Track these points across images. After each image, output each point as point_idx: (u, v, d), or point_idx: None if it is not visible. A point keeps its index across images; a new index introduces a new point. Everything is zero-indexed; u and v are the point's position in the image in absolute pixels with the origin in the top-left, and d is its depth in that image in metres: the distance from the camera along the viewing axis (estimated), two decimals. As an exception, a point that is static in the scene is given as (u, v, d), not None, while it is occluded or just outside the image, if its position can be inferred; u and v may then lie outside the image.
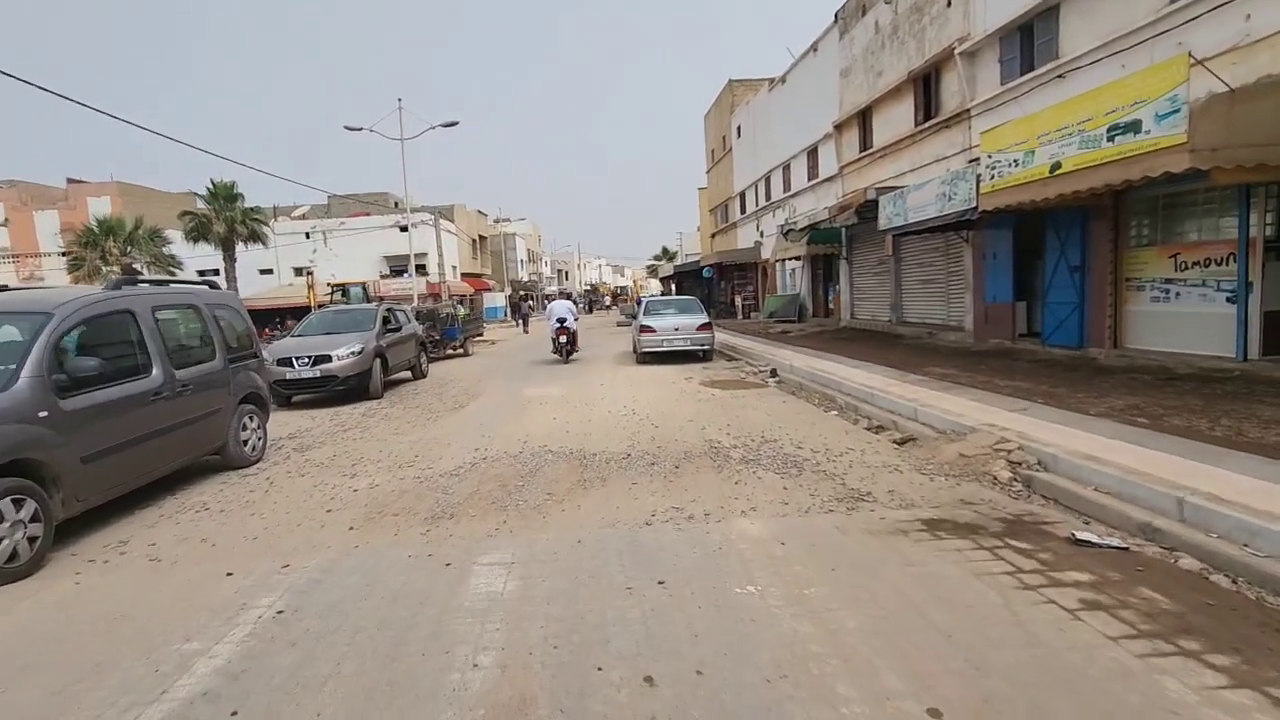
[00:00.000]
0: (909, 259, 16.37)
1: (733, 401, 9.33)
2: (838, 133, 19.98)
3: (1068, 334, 10.80)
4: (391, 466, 6.58)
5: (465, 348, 19.85)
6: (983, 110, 12.71)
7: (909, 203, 12.05)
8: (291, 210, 48.90)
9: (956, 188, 10.46)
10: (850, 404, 8.54)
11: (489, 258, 59.89)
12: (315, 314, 12.93)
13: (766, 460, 6.03)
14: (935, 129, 14.53)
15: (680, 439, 7.06)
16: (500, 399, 10.67)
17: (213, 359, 6.55)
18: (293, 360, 10.79)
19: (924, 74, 14.82)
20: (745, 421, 7.85)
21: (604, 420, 8.34)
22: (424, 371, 14.27)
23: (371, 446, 7.60)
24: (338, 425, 9.17)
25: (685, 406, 9.02)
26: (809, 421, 7.75)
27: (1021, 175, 8.82)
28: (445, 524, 4.77)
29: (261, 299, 39.69)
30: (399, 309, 14.03)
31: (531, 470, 6.06)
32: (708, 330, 14.34)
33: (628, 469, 5.95)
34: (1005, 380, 8.77)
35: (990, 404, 7.18)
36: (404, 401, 11.03)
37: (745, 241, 32.39)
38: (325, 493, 5.80)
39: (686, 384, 11.26)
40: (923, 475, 5.39)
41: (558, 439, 7.36)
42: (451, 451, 7.06)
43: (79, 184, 45.88)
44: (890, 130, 16.80)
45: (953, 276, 14.68)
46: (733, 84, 33.28)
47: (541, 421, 8.46)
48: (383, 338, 12.15)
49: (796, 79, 24.04)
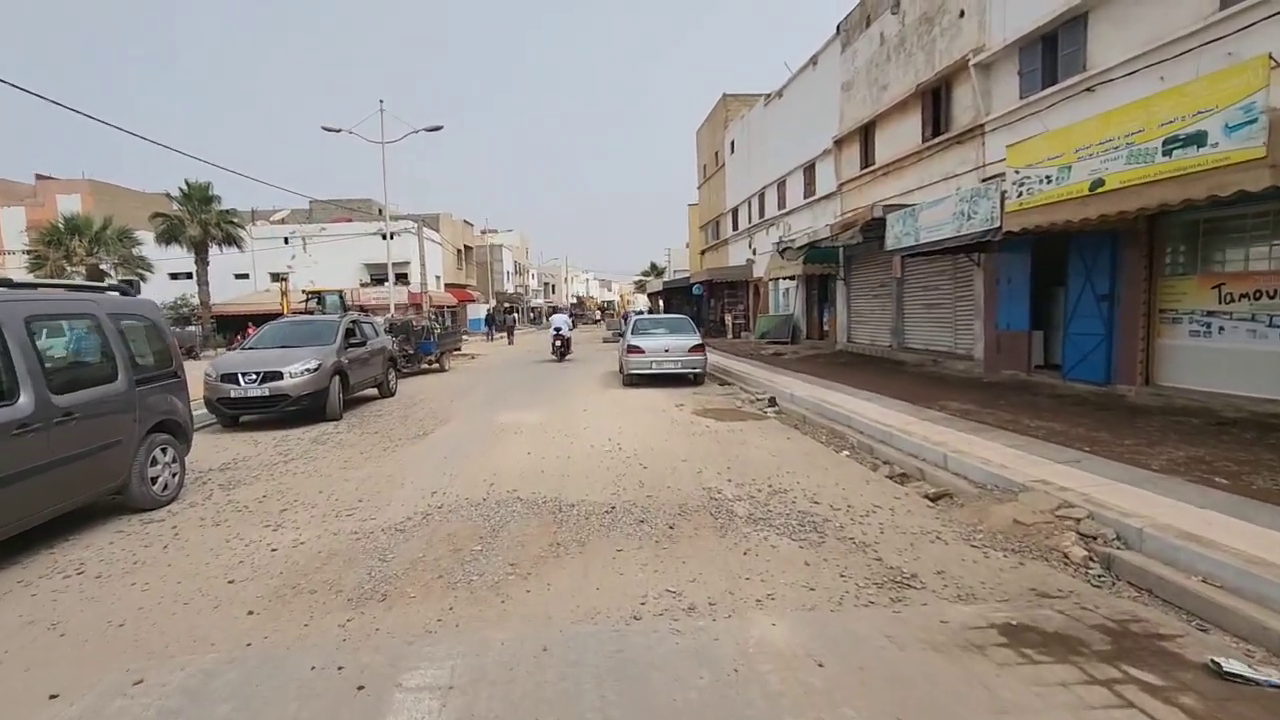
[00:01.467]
0: (913, 282, 15.54)
1: (730, 436, 8.31)
2: (837, 149, 19.23)
3: (1092, 368, 9.93)
4: (327, 515, 5.47)
5: (441, 363, 18.70)
6: (999, 125, 11.93)
7: (921, 221, 11.18)
8: (271, 214, 47.46)
9: (977, 206, 9.59)
10: (864, 444, 7.56)
11: (474, 268, 58.73)
12: (271, 325, 11.79)
13: (779, 520, 5.00)
14: (945, 145, 13.75)
15: (674, 485, 6.02)
16: (471, 426, 9.57)
17: (113, 380, 5.42)
18: (238, 377, 9.62)
19: (933, 87, 14.07)
20: (747, 463, 6.83)
21: (585, 457, 7.28)
22: (392, 389, 13.12)
23: (311, 485, 6.47)
24: (281, 454, 8.02)
25: (677, 441, 7.99)
26: (820, 465, 6.74)
27: (1055, 193, 7.96)
28: (373, 609, 3.68)
29: (235, 305, 38.35)
30: (365, 321, 12.90)
31: (494, 527, 4.98)
32: (700, 352, 13.37)
33: (612, 528, 4.89)
34: (1034, 420, 7.84)
35: (1031, 450, 6.22)
36: (364, 425, 9.89)
37: (737, 259, 31.59)
38: (236, 552, 4.68)
39: (678, 412, 10.24)
40: (974, 548, 4.39)
41: (530, 481, 6.28)
42: (403, 495, 5.96)
43: (48, 180, 44.23)
44: (895, 146, 16.03)
45: (961, 301, 13.84)
46: (727, 98, 32.66)
47: (514, 457, 7.38)
48: (344, 353, 11.02)
49: (794, 93, 23.35)
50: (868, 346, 18.00)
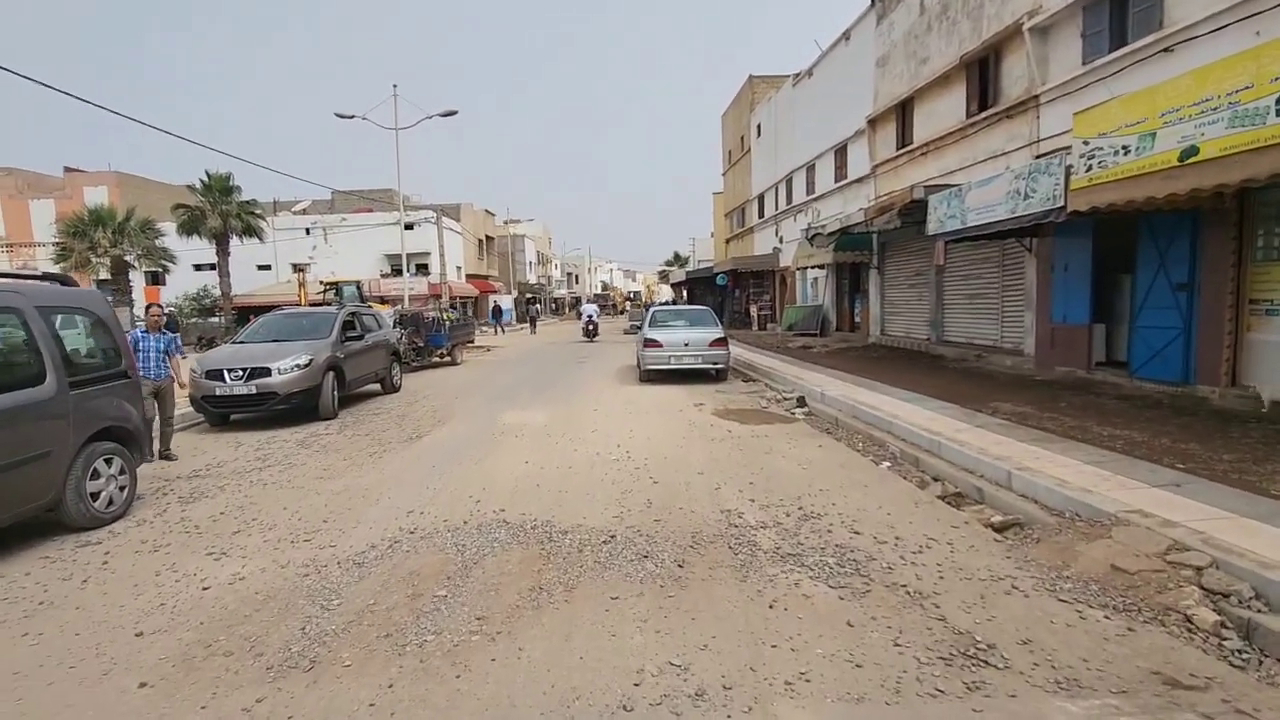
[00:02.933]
0: (955, 270, 14.38)
1: (754, 443, 7.40)
2: (871, 129, 18.03)
3: (1167, 366, 8.79)
4: (283, 539, 4.71)
5: (453, 356, 18.03)
6: (1057, 95, 10.73)
7: (968, 202, 10.09)
8: (293, 205, 47.38)
9: (1036, 183, 8.49)
10: (908, 454, 6.60)
11: (496, 259, 58.24)
12: (265, 317, 11.14)
13: (812, 557, 4.11)
14: (992, 120, 12.56)
15: (687, 506, 5.15)
16: (470, 427, 8.80)
17: (39, 382, 4.71)
18: (223, 373, 8.96)
19: (980, 57, 12.86)
20: (773, 478, 5.92)
21: (589, 467, 6.44)
22: (395, 385, 12.43)
23: (279, 499, 5.74)
24: (259, 459, 7.32)
25: (694, 449, 7.11)
26: (859, 481, 5.81)
27: (1136, 165, 6.86)
28: (293, 684, 2.88)
29: (257, 296, 38.26)
30: (367, 313, 12.20)
31: (469, 561, 4.17)
32: (722, 346, 12.43)
33: (608, 566, 4.04)
34: (1105, 427, 6.81)
35: (1114, 468, 5.22)
36: (357, 425, 9.19)
37: (763, 247, 30.44)
38: (164, 589, 3.94)
39: (696, 413, 9.35)
40: (1063, 603, 3.45)
41: (522, 498, 5.47)
42: (375, 515, 5.18)
43: (76, 173, 44.66)
44: (935, 124, 14.84)
45: (1009, 291, 12.68)
46: (753, 80, 31.39)
47: (509, 466, 6.57)
48: (340, 347, 10.32)
49: (824, 72, 22.12)
50: (903, 339, 16.87)
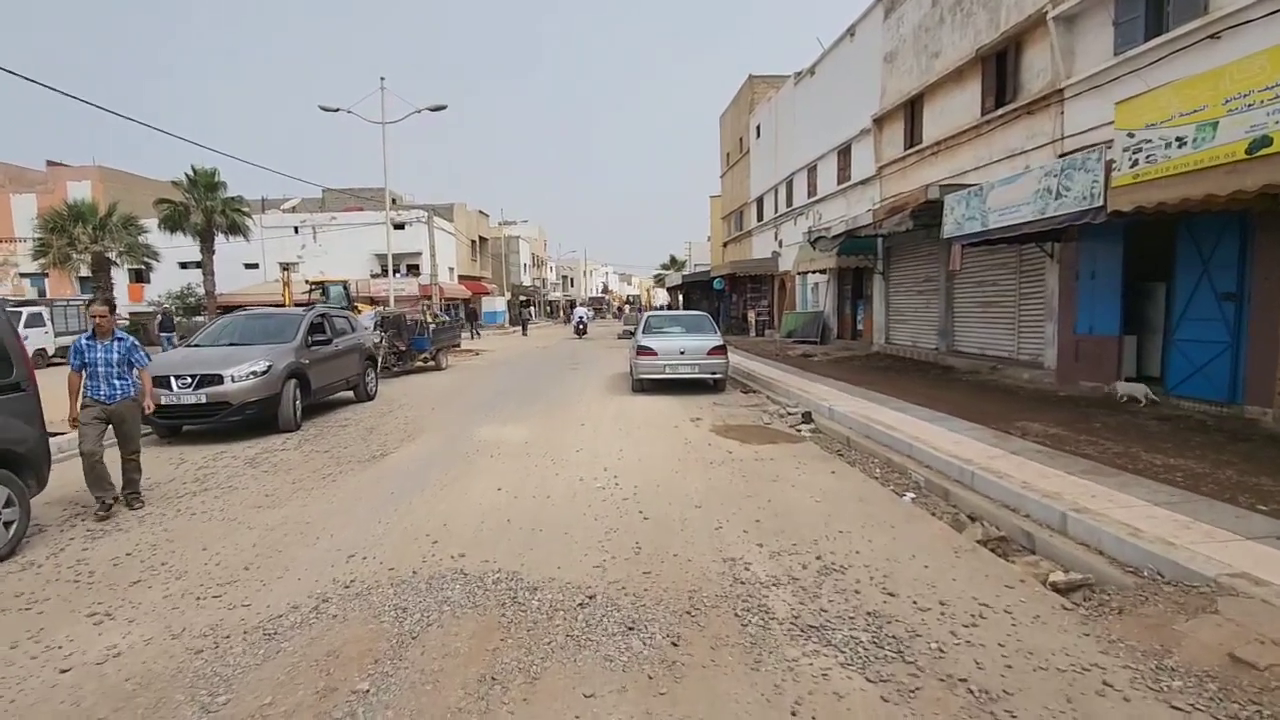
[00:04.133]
0: (967, 276, 13.60)
1: (758, 468, 6.57)
2: (877, 128, 17.27)
3: (1210, 384, 8.01)
4: (188, 594, 3.85)
5: (438, 360, 17.15)
6: (1084, 89, 9.96)
7: (990, 202, 9.30)
8: (282, 203, 46.39)
9: (1070, 181, 7.71)
10: (935, 484, 5.78)
11: (490, 260, 57.33)
12: (225, 319, 10.26)
13: (839, 630, 3.27)
14: (1010, 117, 11.79)
15: (683, 553, 4.31)
16: (442, 443, 7.93)
17: (-111, 400, 3.85)
18: (170, 380, 8.08)
19: (998, 49, 12.10)
20: (783, 514, 5.09)
21: (570, 498, 5.59)
22: (370, 393, 11.54)
23: (201, 535, 4.87)
24: (198, 480, 6.45)
25: (691, 475, 6.27)
26: (883, 520, 4.98)
27: (1193, 159, 6.07)
28: None
29: (243, 295, 37.25)
30: (339, 315, 11.32)
31: (407, 635, 3.30)
32: (721, 355, 11.60)
33: (583, 644, 3.19)
34: (1155, 454, 6.01)
35: (1190, 511, 4.40)
36: (319, 439, 8.31)
37: (761, 251, 29.68)
38: (15, 668, 3.08)
39: (693, 429, 8.51)
40: (1177, 711, 2.62)
41: (488, 540, 4.62)
42: (309, 560, 4.32)
43: (59, 167, 43.59)
44: (946, 122, 14.08)
45: (1028, 299, 11.89)
46: (753, 80, 30.67)
47: (479, 495, 5.72)
48: (306, 352, 9.44)
49: (828, 70, 21.38)
50: (909, 349, 16.08)
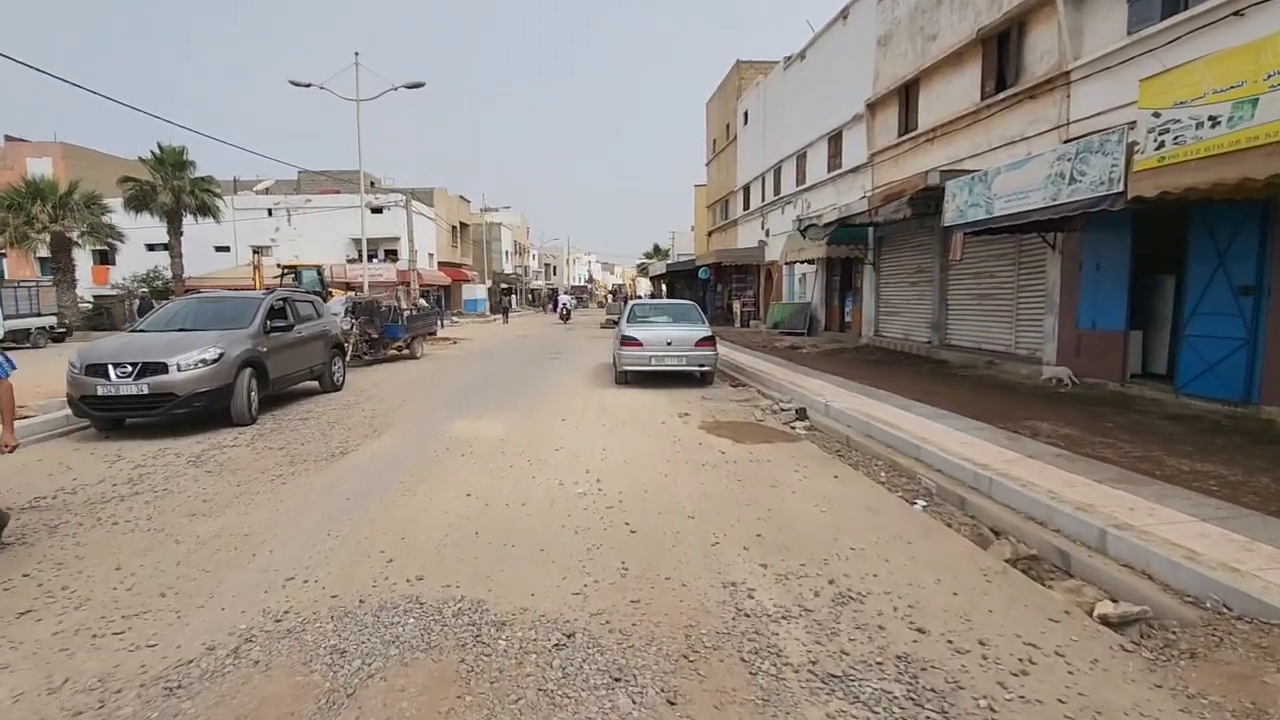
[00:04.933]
0: (962, 267, 13.17)
1: (755, 471, 6.03)
2: (870, 114, 16.76)
3: (1223, 382, 7.62)
4: (84, 629, 3.21)
5: (412, 349, 16.42)
6: (1093, 71, 9.49)
7: (996, 188, 8.81)
8: (254, 184, 44.90)
9: (1086, 165, 7.23)
10: (948, 491, 5.28)
11: (471, 247, 56.24)
12: (176, 302, 9.50)
13: (867, 682, 2.73)
14: (1012, 101, 11.32)
15: (676, 576, 3.76)
16: (409, 440, 7.30)
17: None
18: (108, 369, 7.34)
19: (1000, 31, 11.60)
20: (786, 526, 4.55)
21: (547, 505, 5.01)
22: (336, 383, 10.82)
23: (118, 551, 4.22)
24: (130, 482, 5.76)
25: (682, 479, 5.72)
26: (897, 534, 4.46)
27: (1228, 139, 5.59)
28: None
29: (212, 279, 36.01)
30: (302, 299, 10.57)
31: (340, 691, 2.69)
32: (710, 346, 11.05)
33: (559, 703, 2.60)
34: (1178, 459, 5.58)
35: (1241, 528, 3.92)
36: (274, 434, 7.63)
37: (747, 241, 29.17)
38: None
39: (682, 426, 7.96)
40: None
41: (451, 558, 4.02)
42: (239, 584, 3.70)
43: (19, 143, 41.71)
44: (943, 107, 13.59)
45: (1026, 291, 11.48)
46: (740, 65, 30.02)
47: (444, 502, 5.12)
48: (263, 339, 8.73)
49: (819, 54, 20.81)
50: (900, 341, 15.66)
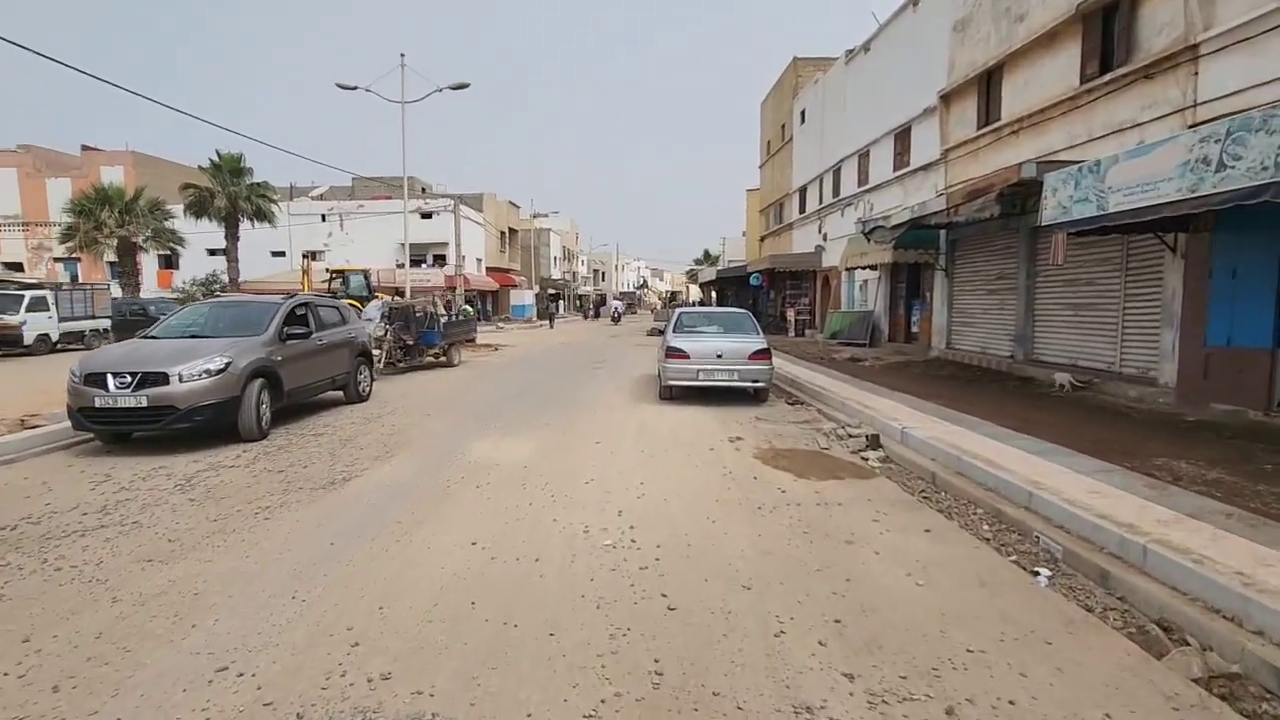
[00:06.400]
0: (1053, 272, 11.68)
1: (824, 518, 4.92)
2: (944, 106, 15.34)
3: None
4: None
5: (449, 356, 15.78)
6: (1230, 43, 8.02)
7: (1111, 180, 7.43)
8: (310, 190, 45.83)
9: (1242, 147, 5.85)
10: (1082, 559, 4.06)
11: (519, 252, 56.24)
12: (191, 307, 8.99)
13: None
14: (1121, 84, 9.85)
15: (729, 692, 2.70)
16: (422, 465, 6.45)
17: None
18: (106, 379, 6.75)
19: (1107, 3, 10.15)
20: (874, 609, 3.44)
21: (566, 563, 4.03)
22: (362, 392, 10.15)
23: (38, 613, 3.43)
24: (106, 510, 5.06)
25: (734, 529, 4.65)
26: (1029, 627, 3.29)
27: None
28: None
29: (266, 283, 36.66)
30: (325, 304, 9.92)
31: None
32: (765, 359, 9.91)
33: None
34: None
35: None
36: (280, 454, 6.89)
37: (802, 245, 27.79)
38: None
39: (733, 454, 6.89)
40: None
41: (433, 646, 3.08)
42: (152, 675, 2.83)
43: (94, 152, 43.64)
44: (1032, 95, 12.14)
45: (1136, 301, 9.95)
46: (798, 62, 28.71)
47: (444, 553, 4.19)
48: (278, 347, 8.07)
49: (885, 45, 19.43)
50: (976, 355, 14.15)
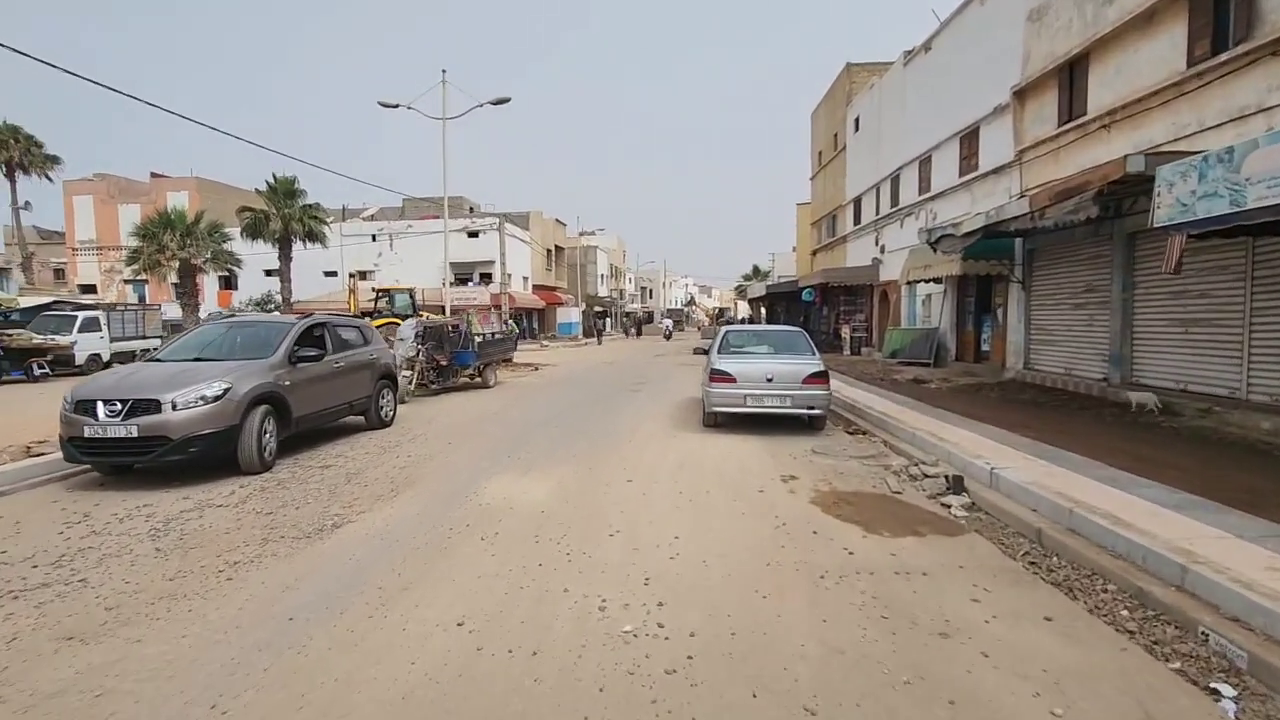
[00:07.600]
0: (1155, 282, 10.22)
1: (907, 595, 3.84)
2: (1018, 102, 13.99)
3: None
4: None
5: (485, 377, 15.14)
6: (1393, 2, 6.67)
7: (1249, 169, 6.14)
8: (361, 211, 46.79)
9: None
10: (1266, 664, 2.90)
11: (566, 270, 56.12)
12: (202, 328, 8.50)
13: None
14: (1242, 63, 8.48)
15: None
16: (426, 508, 5.63)
17: None
18: (96, 407, 6.21)
19: (1220, -27, 8.84)
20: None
21: (570, 662, 3.08)
22: (385, 418, 9.50)
23: (-98, 716, 2.71)
24: (62, 562, 4.40)
25: (790, 610, 3.63)
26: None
27: None
28: None
29: (317, 303, 37.29)
30: (345, 324, 9.32)
31: None
32: (822, 384, 8.82)
33: None
34: None
35: None
36: (275, 491, 6.19)
37: (857, 259, 26.40)
38: None
39: (787, 498, 5.85)
40: None
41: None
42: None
43: (161, 178, 45.62)
44: (1124, 84, 10.77)
45: (1265, 315, 8.47)
46: (851, 68, 27.51)
47: (421, 639, 3.31)
48: (287, 371, 7.44)
49: (948, 43, 18.16)
50: (1060, 377, 12.64)
